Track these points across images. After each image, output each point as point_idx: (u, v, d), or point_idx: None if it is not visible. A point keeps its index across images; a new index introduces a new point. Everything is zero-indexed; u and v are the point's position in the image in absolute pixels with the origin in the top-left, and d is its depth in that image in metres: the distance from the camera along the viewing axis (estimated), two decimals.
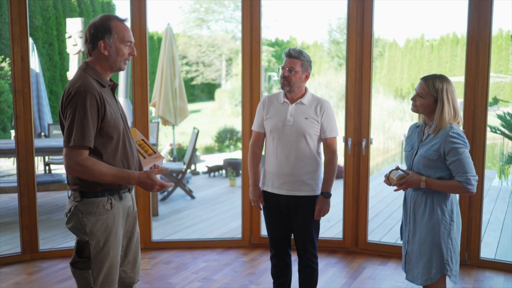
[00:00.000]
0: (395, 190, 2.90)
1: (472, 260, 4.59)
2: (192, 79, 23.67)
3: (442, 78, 2.76)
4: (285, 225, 3.39)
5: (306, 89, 3.32)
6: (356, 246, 4.96)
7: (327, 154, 3.33)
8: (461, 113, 2.81)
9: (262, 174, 3.44)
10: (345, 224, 4.98)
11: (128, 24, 2.56)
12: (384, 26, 30.01)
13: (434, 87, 2.75)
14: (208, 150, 12.82)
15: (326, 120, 3.26)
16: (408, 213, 2.93)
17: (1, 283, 4.17)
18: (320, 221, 3.42)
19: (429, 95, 2.76)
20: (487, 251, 5.00)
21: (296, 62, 3.18)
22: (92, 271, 2.45)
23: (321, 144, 3.36)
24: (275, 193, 3.32)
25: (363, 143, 4.78)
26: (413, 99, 2.85)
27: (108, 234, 2.47)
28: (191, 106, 21.72)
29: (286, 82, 3.20)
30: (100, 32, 2.43)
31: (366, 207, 4.90)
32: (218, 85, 23.90)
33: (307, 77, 3.25)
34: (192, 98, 23.92)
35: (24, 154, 4.59)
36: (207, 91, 24.80)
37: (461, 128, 2.79)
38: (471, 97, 4.47)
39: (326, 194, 3.28)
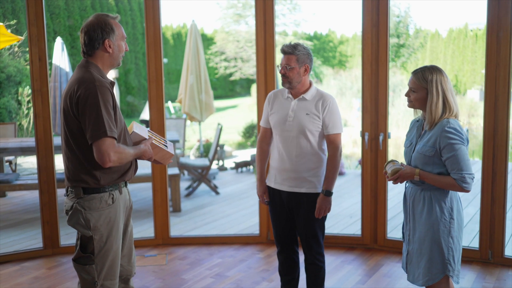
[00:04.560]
0: (394, 183, 2.78)
1: (495, 258, 4.40)
2: (230, 74, 23.77)
3: (432, 69, 2.63)
4: (289, 221, 3.35)
5: (310, 84, 3.26)
6: (375, 243, 4.84)
7: (330, 150, 3.25)
8: (457, 107, 2.66)
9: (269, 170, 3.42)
10: (364, 221, 4.87)
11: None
12: (426, 16, 29.14)
13: (424, 79, 2.62)
14: (241, 146, 12.85)
15: (328, 116, 3.19)
16: (407, 211, 2.82)
17: (22, 277, 4.31)
18: (341, 218, 3.35)
19: (421, 88, 2.64)
20: None
21: (290, 58, 3.13)
22: (96, 265, 2.53)
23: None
24: (277, 188, 3.29)
25: (381, 138, 4.65)
26: (407, 94, 2.72)
27: (111, 228, 2.55)
28: (229, 102, 21.83)
29: (285, 79, 3.18)
30: (106, 32, 2.54)
31: (385, 203, 4.77)
32: (255, 80, 23.88)
33: (306, 70, 3.18)
34: (231, 94, 24.04)
35: (43, 151, 4.72)
36: (246, 86, 24.82)
37: (459, 121, 2.65)
38: (492, 88, 4.27)
39: (326, 192, 3.19)
